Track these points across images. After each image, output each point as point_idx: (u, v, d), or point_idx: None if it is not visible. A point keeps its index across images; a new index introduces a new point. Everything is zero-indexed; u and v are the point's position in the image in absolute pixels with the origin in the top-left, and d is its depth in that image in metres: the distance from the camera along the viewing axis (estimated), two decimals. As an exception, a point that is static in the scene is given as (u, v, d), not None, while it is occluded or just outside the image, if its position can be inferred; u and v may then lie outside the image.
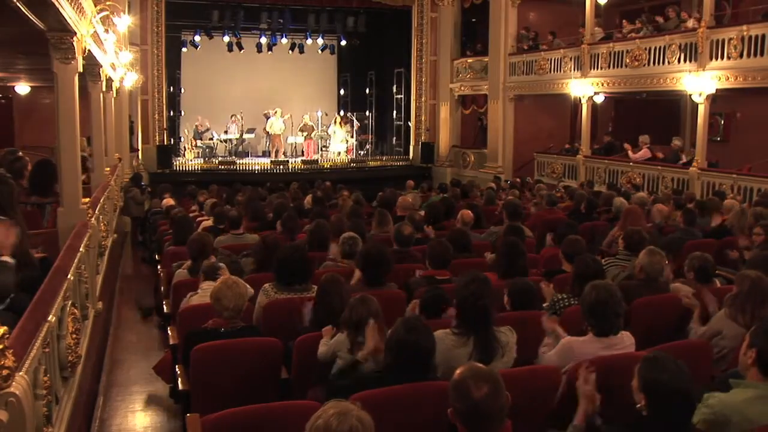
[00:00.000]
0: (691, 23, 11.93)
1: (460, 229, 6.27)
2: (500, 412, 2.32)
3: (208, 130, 18.70)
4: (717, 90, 11.42)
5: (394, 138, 20.54)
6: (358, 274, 4.66)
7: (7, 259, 3.48)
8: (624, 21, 14.62)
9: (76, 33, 5.00)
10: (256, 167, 17.43)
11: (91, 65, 7.16)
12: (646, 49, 12.69)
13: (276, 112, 18.62)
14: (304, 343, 3.70)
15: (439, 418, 2.48)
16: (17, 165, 5.63)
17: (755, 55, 10.53)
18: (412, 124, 19.24)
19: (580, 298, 3.48)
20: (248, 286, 4.01)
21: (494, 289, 3.52)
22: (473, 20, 18.34)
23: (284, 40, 20.14)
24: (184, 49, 19.06)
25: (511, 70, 16.70)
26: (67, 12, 4.55)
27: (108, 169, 8.94)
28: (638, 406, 2.52)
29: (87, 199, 5.82)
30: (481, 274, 3.53)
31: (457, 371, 2.41)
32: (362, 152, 19.88)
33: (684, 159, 12.38)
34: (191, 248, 5.39)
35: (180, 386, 3.87)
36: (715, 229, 6.89)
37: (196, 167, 17.29)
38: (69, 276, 3.76)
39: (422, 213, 7.86)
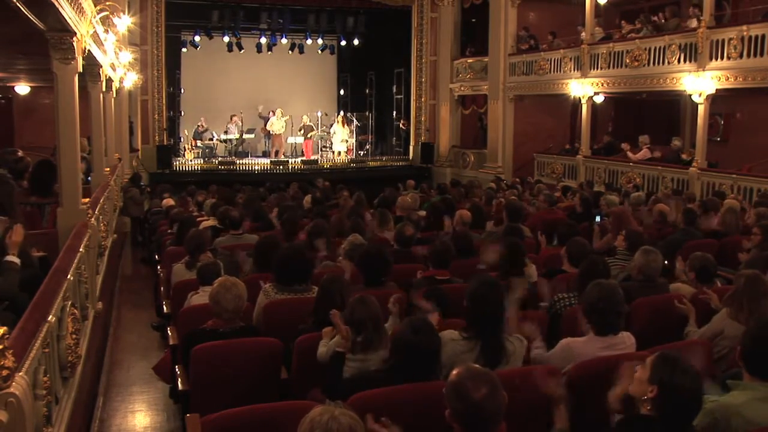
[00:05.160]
0: (693, 23, 11.91)
1: (463, 230, 6.27)
2: (498, 413, 2.32)
3: (207, 130, 18.72)
4: (717, 90, 11.41)
5: (394, 138, 20.53)
6: (349, 267, 4.70)
7: (14, 259, 3.51)
8: (623, 21, 14.62)
9: (75, 33, 5.00)
10: (256, 167, 17.43)
11: (91, 65, 7.16)
12: (645, 49, 12.68)
13: (276, 112, 18.63)
14: (304, 343, 3.70)
15: (442, 418, 2.48)
16: (20, 165, 5.65)
17: (755, 55, 10.52)
18: (411, 125, 19.19)
19: (583, 297, 3.45)
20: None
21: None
22: (473, 20, 18.32)
23: (284, 41, 20.12)
24: (183, 50, 19.04)
25: (511, 70, 16.69)
26: (67, 12, 4.55)
27: (108, 169, 8.94)
28: (644, 398, 2.48)
29: (87, 200, 5.83)
30: (491, 278, 3.51)
31: (454, 372, 2.41)
32: (362, 152, 19.88)
33: (687, 156, 12.36)
34: (189, 243, 5.51)
35: (180, 386, 3.87)
36: (711, 233, 6.88)
37: (195, 167, 17.29)
38: (69, 276, 3.76)
39: (421, 213, 7.86)
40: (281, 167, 17.48)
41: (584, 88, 14.26)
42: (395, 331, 3.09)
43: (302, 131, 19.19)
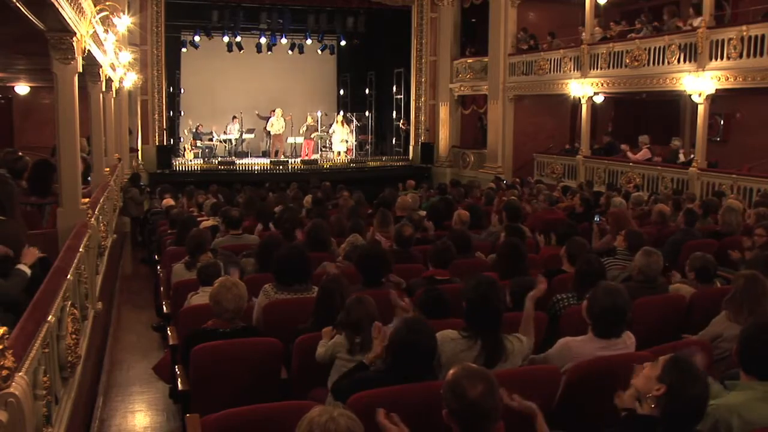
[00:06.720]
0: (694, 23, 11.91)
1: (461, 229, 6.27)
2: (495, 411, 2.33)
3: (208, 132, 18.74)
4: (717, 90, 11.41)
5: (394, 138, 20.53)
6: (333, 267, 4.73)
7: (26, 269, 3.52)
8: (611, 23, 14.63)
9: (75, 33, 5.00)
10: (256, 167, 17.41)
11: (91, 65, 7.15)
12: (645, 49, 12.68)
13: (275, 112, 18.64)
14: (304, 343, 3.70)
15: (439, 418, 2.48)
16: (19, 165, 5.64)
17: (755, 55, 10.52)
18: (411, 125, 19.19)
19: (590, 298, 3.45)
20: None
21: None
22: (473, 20, 18.33)
23: (284, 41, 20.12)
24: (183, 50, 19.04)
25: (510, 70, 16.69)
26: (67, 12, 4.54)
27: (107, 169, 8.93)
28: (649, 395, 2.47)
29: (86, 200, 5.82)
30: (489, 277, 3.51)
31: (450, 372, 2.42)
32: (362, 152, 19.88)
33: (683, 158, 12.38)
34: (189, 243, 5.49)
35: (179, 386, 3.87)
36: (710, 233, 6.88)
37: (195, 167, 17.27)
38: (68, 276, 3.76)
39: (422, 213, 7.87)
40: (281, 167, 17.47)
41: (584, 88, 14.25)
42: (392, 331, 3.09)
43: (306, 130, 19.19)
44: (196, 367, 3.59)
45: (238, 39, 19.30)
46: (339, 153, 18.91)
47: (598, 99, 14.83)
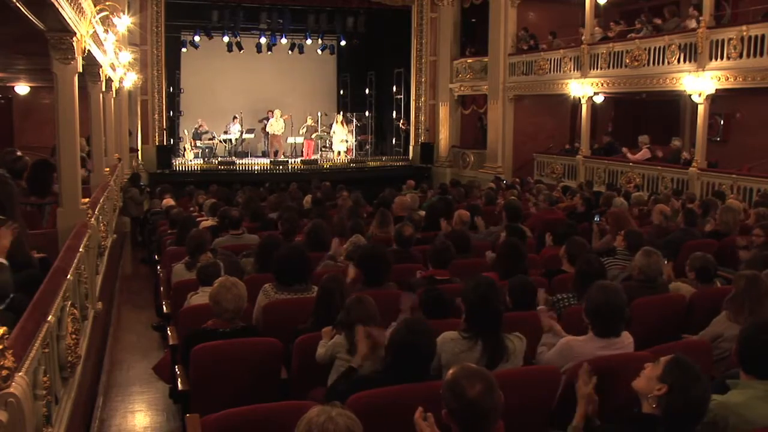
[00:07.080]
0: (693, 23, 11.91)
1: (460, 229, 6.27)
2: (495, 410, 2.33)
3: (207, 132, 18.73)
4: (716, 90, 11.41)
5: (394, 138, 20.53)
6: (353, 272, 4.69)
7: (1, 260, 3.48)
8: (611, 23, 14.63)
9: (75, 33, 5.00)
10: (256, 167, 17.41)
11: (91, 65, 7.15)
12: (645, 49, 12.68)
13: (274, 113, 18.63)
14: (304, 343, 3.70)
15: (438, 418, 2.48)
16: (18, 165, 5.64)
17: (755, 55, 10.53)
18: (411, 125, 19.20)
19: (586, 297, 3.45)
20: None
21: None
22: (473, 20, 18.33)
23: (284, 41, 20.11)
24: (183, 50, 19.04)
25: (510, 70, 16.69)
26: (67, 12, 4.55)
27: (107, 169, 8.93)
28: (650, 395, 2.47)
29: (86, 200, 5.82)
30: (488, 278, 3.52)
31: (449, 372, 2.42)
32: (362, 152, 19.89)
33: (687, 157, 12.38)
34: (189, 244, 5.49)
35: (179, 386, 3.87)
36: (710, 233, 6.88)
37: (195, 167, 17.27)
38: (68, 276, 3.75)
39: (422, 213, 7.87)
40: (281, 167, 17.47)
41: (584, 88, 14.25)
42: (392, 332, 3.10)
43: (306, 131, 19.18)
44: (196, 367, 3.59)
45: (238, 39, 19.30)
46: (339, 153, 18.90)
47: (598, 99, 14.82)
